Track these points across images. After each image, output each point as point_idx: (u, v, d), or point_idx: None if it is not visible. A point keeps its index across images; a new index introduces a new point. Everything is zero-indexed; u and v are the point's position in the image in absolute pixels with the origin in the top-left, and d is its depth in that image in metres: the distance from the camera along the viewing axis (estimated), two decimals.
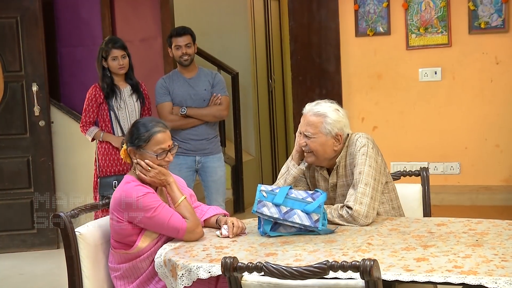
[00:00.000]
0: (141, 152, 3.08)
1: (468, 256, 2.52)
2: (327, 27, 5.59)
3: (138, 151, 3.08)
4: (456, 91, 5.40)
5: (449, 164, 5.45)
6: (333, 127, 3.24)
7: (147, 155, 3.06)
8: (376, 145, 3.30)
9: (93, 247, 3.08)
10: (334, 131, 3.25)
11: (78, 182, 6.25)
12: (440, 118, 5.45)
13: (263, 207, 3.00)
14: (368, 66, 5.59)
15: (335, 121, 3.25)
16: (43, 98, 6.15)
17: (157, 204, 2.99)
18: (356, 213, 3.08)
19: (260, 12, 8.31)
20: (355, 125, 5.47)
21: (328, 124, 3.24)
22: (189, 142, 5.15)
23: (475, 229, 2.93)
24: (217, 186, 5.25)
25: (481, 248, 2.62)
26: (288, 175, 3.37)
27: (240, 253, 2.75)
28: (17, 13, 6.10)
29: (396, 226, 3.05)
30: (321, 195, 3.02)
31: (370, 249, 2.69)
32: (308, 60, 5.65)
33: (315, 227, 2.95)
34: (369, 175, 3.16)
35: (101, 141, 5.06)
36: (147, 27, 6.70)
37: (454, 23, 5.35)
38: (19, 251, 6.17)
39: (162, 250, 2.90)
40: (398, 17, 5.46)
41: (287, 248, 2.78)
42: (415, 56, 5.46)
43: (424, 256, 2.55)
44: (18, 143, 6.18)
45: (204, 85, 5.20)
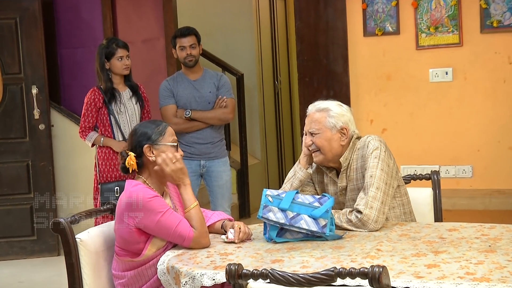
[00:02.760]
0: (158, 146, 3.10)
1: (481, 263, 2.51)
2: (335, 26, 5.58)
3: (155, 146, 3.10)
4: (467, 92, 5.39)
5: (461, 167, 5.44)
6: (337, 120, 3.27)
7: (164, 147, 3.09)
8: (388, 148, 3.30)
9: (94, 254, 3.08)
10: (339, 125, 3.27)
11: (79, 187, 6.26)
12: (452, 120, 5.44)
13: (269, 212, 3.00)
14: (377, 67, 5.57)
15: (339, 114, 3.28)
16: (43, 101, 6.17)
17: (165, 209, 3.00)
18: (366, 217, 3.08)
19: (266, 11, 8.32)
20: (364, 127, 5.46)
21: (331, 117, 3.26)
22: (193, 146, 5.15)
23: (488, 235, 2.92)
24: (222, 191, 5.24)
25: (494, 254, 2.60)
26: (295, 178, 3.37)
27: (245, 259, 2.75)
28: (16, 14, 6.12)
29: (407, 232, 3.04)
30: (329, 199, 3.02)
31: (379, 255, 2.68)
32: (315, 61, 5.65)
33: (323, 232, 2.95)
34: (381, 179, 3.16)
35: (102, 146, 5.05)
36: (149, 28, 6.71)
37: (465, 22, 5.33)
38: (19, 258, 6.18)
39: (165, 257, 2.90)
40: (408, 16, 5.45)
41: (294, 255, 2.78)
42: (425, 56, 5.45)
43: (435, 263, 2.54)
44: (17, 147, 6.20)
45: (209, 87, 5.21)
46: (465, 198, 5.25)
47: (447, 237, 2.92)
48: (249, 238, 3.08)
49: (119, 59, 5.03)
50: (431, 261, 2.56)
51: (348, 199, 3.32)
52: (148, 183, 3.12)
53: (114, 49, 5.01)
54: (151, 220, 2.97)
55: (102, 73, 5.04)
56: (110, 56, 5.02)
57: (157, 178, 3.14)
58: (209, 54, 7.31)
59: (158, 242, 3.04)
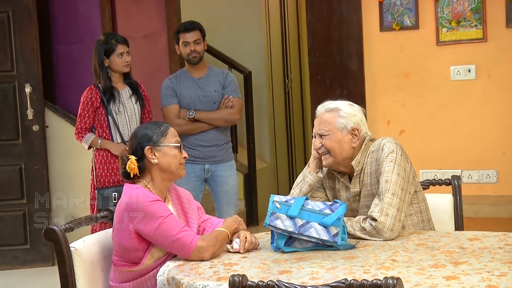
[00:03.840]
0: (160, 148, 3.12)
1: (504, 275, 2.51)
2: (349, 20, 5.58)
3: (156, 148, 3.13)
4: (491, 91, 5.38)
5: (485, 171, 5.43)
6: (348, 120, 3.27)
7: (166, 149, 3.12)
8: (405, 151, 3.30)
9: (90, 263, 3.09)
10: (350, 125, 3.27)
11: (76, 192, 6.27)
12: (474, 121, 5.43)
13: (277, 219, 3.00)
14: (394, 64, 5.58)
15: (350, 114, 3.28)
16: (37, 100, 6.18)
17: (166, 214, 3.00)
18: (381, 225, 3.08)
19: (275, 4, 8.33)
20: (380, 128, 5.46)
21: (342, 117, 3.27)
22: (197, 149, 5.16)
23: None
24: (228, 197, 5.25)
25: None
26: (304, 183, 3.38)
27: (250, 270, 2.75)
28: (9, 7, 6.13)
29: (424, 241, 3.04)
30: (341, 206, 3.01)
31: (394, 266, 2.68)
32: (328, 58, 5.65)
33: (334, 241, 2.95)
34: (397, 184, 3.16)
35: (99, 149, 5.06)
36: (151, 22, 6.73)
37: (489, 16, 5.33)
38: (11, 268, 6.20)
39: (165, 267, 2.90)
40: (428, 9, 5.45)
41: (303, 265, 2.77)
42: (446, 53, 5.44)
43: (455, 274, 2.53)
44: (9, 150, 6.21)
45: (214, 86, 5.22)
46: (489, 205, 5.24)
47: (468, 247, 2.91)
48: (255, 247, 3.08)
49: (119, 55, 5.04)
50: (450, 273, 2.55)
51: (362, 205, 3.32)
52: (149, 188, 3.13)
53: (114, 45, 5.02)
54: (151, 226, 2.97)
55: (101, 71, 5.04)
56: (110, 52, 5.03)
57: (159, 182, 3.15)
58: (214, 50, 7.33)
59: (159, 249, 3.04)
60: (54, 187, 6.39)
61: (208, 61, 5.53)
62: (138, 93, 5.16)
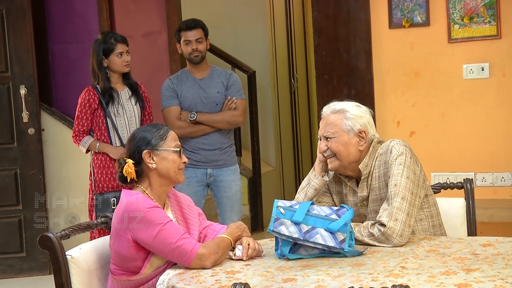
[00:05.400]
0: (159, 152, 3.13)
1: None
2: (356, 17, 5.59)
3: (155, 152, 3.13)
4: (506, 90, 5.37)
5: (499, 174, 5.42)
6: (355, 122, 3.27)
7: (165, 153, 3.12)
8: (414, 153, 3.30)
9: (87, 272, 3.10)
10: (357, 127, 3.27)
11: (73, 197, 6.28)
12: (488, 122, 5.42)
13: (281, 225, 3.00)
14: (404, 63, 5.57)
15: (356, 116, 3.29)
16: (32, 102, 6.20)
17: (166, 220, 3.01)
18: (390, 230, 3.08)
19: (280, 1, 8.34)
20: (389, 130, 5.46)
21: (348, 119, 3.27)
22: (199, 153, 5.17)
23: None
24: (231, 202, 5.26)
25: None
26: (309, 187, 3.38)
27: (254, 278, 2.76)
28: (2, 5, 6.15)
29: (435, 247, 3.04)
30: (348, 211, 3.02)
31: (403, 274, 2.68)
32: (335, 56, 5.65)
33: (341, 248, 2.95)
34: (406, 188, 3.16)
35: (97, 153, 5.07)
36: (150, 21, 6.74)
37: (504, 11, 5.32)
38: (6, 277, 6.21)
39: (165, 276, 2.91)
40: (439, 5, 5.45)
41: (308, 273, 2.78)
42: (459, 50, 5.44)
43: (467, 282, 2.53)
44: (4, 154, 6.23)
45: (217, 87, 5.22)
46: (504, 209, 5.23)
47: (481, 253, 2.91)
48: (259, 255, 3.08)
49: (119, 55, 5.05)
50: (462, 280, 2.55)
51: (370, 210, 3.32)
52: (147, 193, 3.14)
53: (113, 45, 5.03)
54: (150, 233, 2.98)
55: (100, 72, 5.05)
56: (109, 52, 5.04)
57: (157, 187, 3.16)
58: (217, 49, 7.34)
59: (158, 259, 3.05)
60: (51, 192, 6.40)
61: (210, 60, 5.54)
62: (138, 94, 5.17)
